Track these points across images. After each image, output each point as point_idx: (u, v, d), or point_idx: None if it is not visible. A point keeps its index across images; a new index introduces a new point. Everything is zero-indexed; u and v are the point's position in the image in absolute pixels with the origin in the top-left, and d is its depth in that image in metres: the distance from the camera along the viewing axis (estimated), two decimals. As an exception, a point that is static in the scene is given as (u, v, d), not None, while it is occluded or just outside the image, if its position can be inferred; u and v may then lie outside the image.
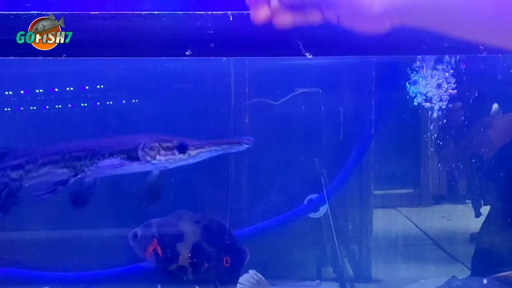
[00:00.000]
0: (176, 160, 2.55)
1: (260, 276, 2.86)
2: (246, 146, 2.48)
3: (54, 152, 2.61)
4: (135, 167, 2.57)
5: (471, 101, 3.29)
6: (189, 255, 3.00)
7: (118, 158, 2.55)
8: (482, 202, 3.42)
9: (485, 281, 2.83)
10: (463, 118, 3.33)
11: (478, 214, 3.45)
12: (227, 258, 3.01)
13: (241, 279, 2.84)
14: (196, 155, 2.53)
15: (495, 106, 3.31)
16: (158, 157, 2.54)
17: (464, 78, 3.21)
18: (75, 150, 2.59)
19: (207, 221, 3.07)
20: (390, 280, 3.43)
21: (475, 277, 2.88)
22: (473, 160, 3.35)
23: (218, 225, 3.08)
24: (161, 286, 2.92)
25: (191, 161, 2.55)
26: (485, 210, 3.40)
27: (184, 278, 3.00)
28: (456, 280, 2.89)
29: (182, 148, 2.52)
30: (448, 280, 2.90)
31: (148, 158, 2.54)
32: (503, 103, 3.31)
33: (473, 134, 3.33)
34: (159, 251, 2.99)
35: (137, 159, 2.54)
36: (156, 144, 2.54)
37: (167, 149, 2.54)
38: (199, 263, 3.01)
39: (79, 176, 2.57)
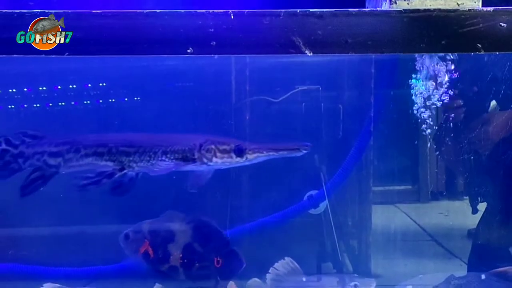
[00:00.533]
0: (233, 163, 2.55)
1: (296, 264, 2.88)
2: (304, 151, 2.48)
3: (99, 144, 2.59)
4: (188, 168, 2.57)
5: (471, 99, 3.29)
6: (181, 255, 2.99)
7: (172, 158, 2.54)
8: (479, 199, 3.42)
9: (483, 276, 2.84)
10: (463, 116, 3.32)
11: (475, 211, 3.45)
12: (218, 259, 3.00)
13: (276, 265, 2.86)
14: (254, 159, 2.54)
15: (493, 103, 3.31)
16: (214, 159, 2.54)
17: (463, 76, 3.21)
18: (122, 144, 2.58)
19: (198, 222, 3.05)
20: (389, 275, 3.43)
21: (473, 273, 2.88)
22: (471, 157, 3.35)
23: (209, 226, 3.06)
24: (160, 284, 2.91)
25: (247, 164, 2.55)
26: (482, 206, 3.40)
27: (176, 278, 2.99)
28: (455, 278, 2.90)
29: (240, 152, 2.52)
30: (447, 278, 2.91)
31: (205, 160, 2.54)
32: (501, 100, 3.31)
33: (471, 131, 3.33)
34: (150, 252, 2.98)
35: (193, 160, 2.54)
36: (213, 146, 2.53)
37: (223, 151, 2.54)
38: (190, 264, 3.00)
39: (125, 171, 2.56)
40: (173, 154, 2.54)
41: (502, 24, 2.10)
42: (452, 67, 3.12)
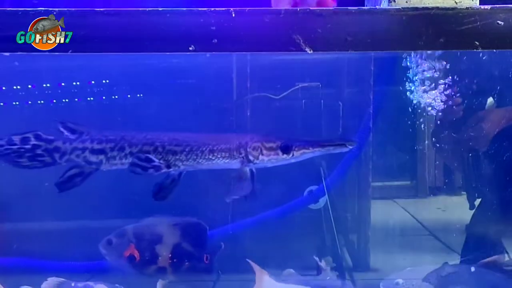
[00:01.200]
0: (279, 160, 2.54)
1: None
2: (350, 147, 2.47)
3: (144, 142, 2.57)
4: (234, 166, 2.56)
5: (469, 96, 3.29)
6: (169, 255, 2.97)
7: (219, 156, 2.53)
8: (476, 194, 3.43)
9: (473, 269, 2.85)
10: (461, 113, 3.33)
11: (472, 206, 3.45)
12: (207, 256, 3.00)
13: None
14: (300, 155, 2.52)
15: (489, 100, 3.31)
16: (261, 157, 2.52)
17: (461, 74, 3.22)
18: (169, 143, 2.56)
19: (184, 223, 3.04)
20: (387, 269, 3.43)
21: (463, 265, 2.89)
22: (468, 154, 3.35)
23: (195, 225, 3.05)
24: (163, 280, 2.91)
25: (292, 161, 2.54)
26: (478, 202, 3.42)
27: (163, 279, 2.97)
28: (446, 267, 2.91)
29: (286, 149, 2.51)
30: (438, 268, 2.92)
31: (251, 158, 2.53)
32: (498, 98, 3.31)
33: (468, 128, 3.34)
34: (137, 254, 2.96)
35: (240, 158, 2.53)
36: (259, 144, 2.52)
37: (270, 149, 2.52)
38: (180, 263, 2.99)
39: (171, 170, 2.55)
40: (220, 153, 2.52)
41: (500, 22, 2.10)
42: (448, 66, 3.13)
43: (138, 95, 3.56)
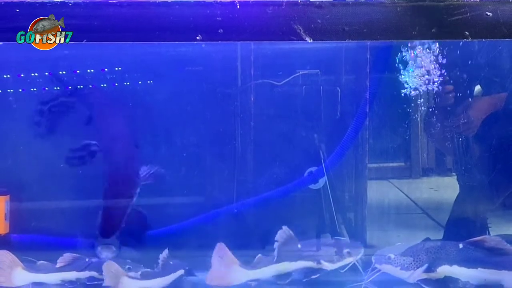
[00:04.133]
0: None
1: (291, 232, 2.90)
2: None
3: None
4: None
5: (459, 84, 3.30)
6: None
7: None
8: (465, 176, 3.44)
9: (461, 245, 2.86)
10: (453, 100, 3.33)
11: (462, 187, 3.47)
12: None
13: (276, 236, 2.89)
14: None
15: (477, 88, 3.31)
16: None
17: (452, 63, 3.23)
18: None
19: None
20: (383, 245, 3.43)
21: (451, 242, 2.89)
22: (458, 138, 3.36)
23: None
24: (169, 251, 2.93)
25: None
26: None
27: None
28: (430, 242, 2.92)
29: None
30: (422, 241, 2.93)
31: None
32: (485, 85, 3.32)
33: (457, 114, 3.34)
34: None
35: None
36: None
37: None
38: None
39: None
40: None
41: (488, 13, 2.11)
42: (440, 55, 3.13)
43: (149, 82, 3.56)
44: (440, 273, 2.80)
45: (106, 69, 3.47)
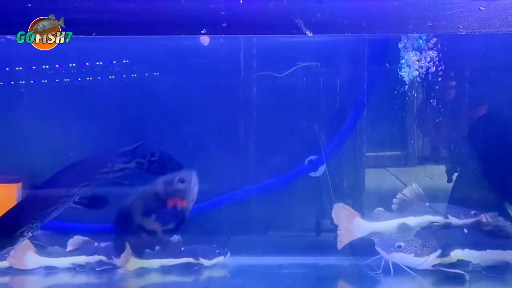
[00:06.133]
0: None
1: (421, 190, 2.98)
2: None
3: None
4: None
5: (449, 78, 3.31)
6: None
7: None
8: (455, 168, 3.46)
9: (465, 230, 2.86)
10: (454, 95, 3.34)
11: (450, 180, 3.47)
12: None
13: (404, 191, 3.00)
14: None
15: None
16: None
17: (447, 56, 3.23)
18: None
19: None
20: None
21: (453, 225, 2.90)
22: (446, 129, 3.38)
23: None
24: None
25: None
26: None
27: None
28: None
29: None
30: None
31: None
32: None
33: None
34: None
35: None
36: None
37: None
38: None
39: None
40: None
41: (481, 8, 2.11)
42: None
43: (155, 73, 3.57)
44: (453, 257, 2.80)
45: (114, 62, 3.49)
